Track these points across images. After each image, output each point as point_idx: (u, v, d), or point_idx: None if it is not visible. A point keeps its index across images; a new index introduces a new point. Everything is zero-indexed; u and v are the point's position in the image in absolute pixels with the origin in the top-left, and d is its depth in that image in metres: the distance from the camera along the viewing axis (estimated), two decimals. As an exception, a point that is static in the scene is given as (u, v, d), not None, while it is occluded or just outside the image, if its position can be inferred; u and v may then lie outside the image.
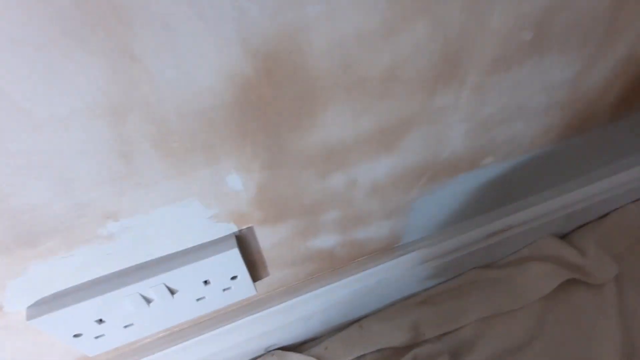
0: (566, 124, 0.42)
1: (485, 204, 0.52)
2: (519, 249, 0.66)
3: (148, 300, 0.35)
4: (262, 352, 0.56)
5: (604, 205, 0.64)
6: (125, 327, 0.37)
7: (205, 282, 0.37)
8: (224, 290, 0.39)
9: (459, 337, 0.61)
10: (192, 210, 0.31)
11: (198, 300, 0.39)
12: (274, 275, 0.44)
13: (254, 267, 0.41)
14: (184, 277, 0.35)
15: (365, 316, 0.61)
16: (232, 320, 0.46)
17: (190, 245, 0.34)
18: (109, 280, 0.33)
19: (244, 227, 0.35)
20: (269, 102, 0.26)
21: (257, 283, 0.44)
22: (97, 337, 0.37)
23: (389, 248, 0.50)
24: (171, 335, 0.45)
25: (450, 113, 0.34)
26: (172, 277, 0.34)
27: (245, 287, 0.41)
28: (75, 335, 0.35)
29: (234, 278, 0.39)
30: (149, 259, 0.33)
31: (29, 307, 0.31)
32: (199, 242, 0.34)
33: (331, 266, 0.48)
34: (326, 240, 0.43)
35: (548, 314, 0.62)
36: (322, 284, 0.49)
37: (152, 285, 0.34)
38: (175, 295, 0.36)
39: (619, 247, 0.67)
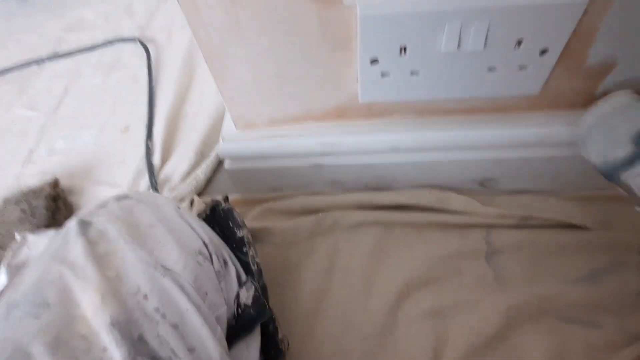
0: None
1: None
2: None
3: (459, 43, 0.32)
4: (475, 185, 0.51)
5: None
6: (412, 73, 0.35)
7: (517, 44, 0.33)
8: (519, 69, 0.35)
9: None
10: None
11: (489, 70, 0.35)
12: (564, 83, 0.38)
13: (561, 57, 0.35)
14: (507, 21, 0.30)
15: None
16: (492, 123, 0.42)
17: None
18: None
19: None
20: None
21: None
22: (383, 75, 0.36)
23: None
24: (424, 117, 0.42)
25: None
26: (497, 15, 0.30)
27: (536, 77, 0.36)
28: (373, 61, 0.34)
29: (543, 53, 0.34)
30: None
31: (362, 6, 0.31)
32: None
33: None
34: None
35: None
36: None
37: (477, 19, 0.30)
38: (483, 49, 0.33)
39: None
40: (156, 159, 0.59)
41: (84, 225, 0.31)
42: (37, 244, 0.33)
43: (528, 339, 0.41)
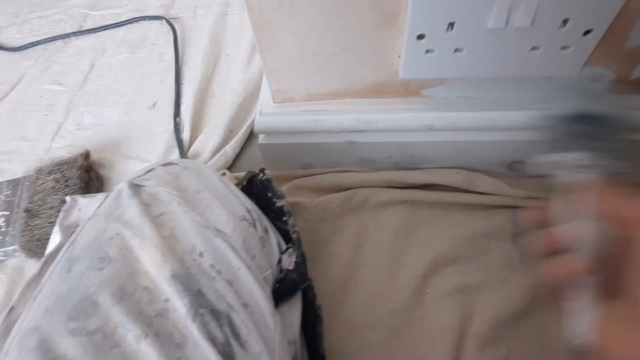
0: None
1: None
2: None
3: (507, 19, 0.33)
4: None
5: None
6: (456, 50, 0.36)
7: (563, 23, 0.33)
8: (561, 48, 0.36)
9: None
10: None
11: (532, 49, 0.36)
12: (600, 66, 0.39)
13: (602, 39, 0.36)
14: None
15: None
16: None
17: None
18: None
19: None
20: None
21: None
22: (427, 52, 0.36)
23: None
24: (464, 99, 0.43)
25: None
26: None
27: (577, 58, 0.37)
28: (419, 37, 0.35)
29: (586, 33, 0.34)
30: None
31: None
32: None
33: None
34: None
35: None
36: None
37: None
38: (530, 26, 0.33)
39: None
40: (185, 136, 0.60)
41: (136, 188, 0.32)
42: (87, 206, 0.34)
43: (552, 316, 0.42)
